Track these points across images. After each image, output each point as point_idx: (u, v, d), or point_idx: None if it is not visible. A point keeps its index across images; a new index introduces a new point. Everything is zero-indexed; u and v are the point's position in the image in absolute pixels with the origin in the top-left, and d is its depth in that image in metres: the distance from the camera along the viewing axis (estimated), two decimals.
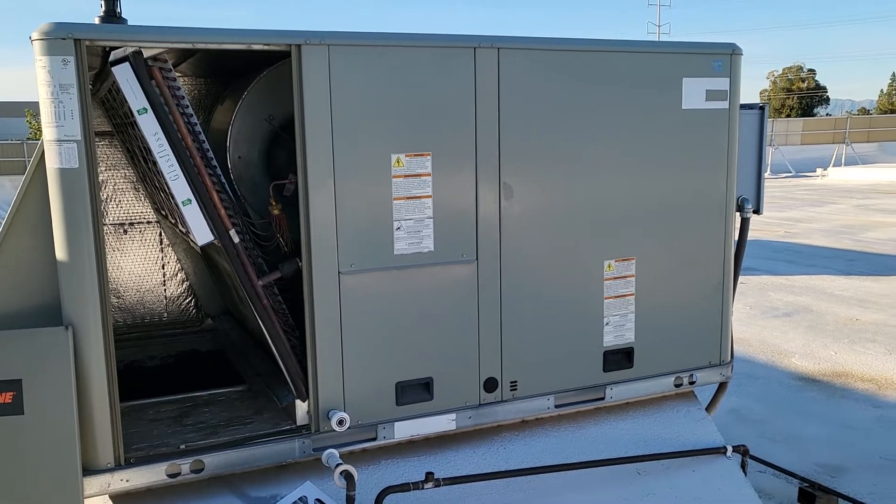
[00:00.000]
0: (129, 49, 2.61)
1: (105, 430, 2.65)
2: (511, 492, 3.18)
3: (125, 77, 2.60)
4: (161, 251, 4.73)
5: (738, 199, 3.70)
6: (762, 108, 3.77)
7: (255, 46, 2.74)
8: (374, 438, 3.06)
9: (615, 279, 3.41)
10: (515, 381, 3.28)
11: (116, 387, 2.67)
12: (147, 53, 2.68)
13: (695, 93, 3.43)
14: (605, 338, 3.43)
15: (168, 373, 4.08)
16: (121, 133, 4.07)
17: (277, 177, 3.26)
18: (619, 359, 3.48)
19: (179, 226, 3.48)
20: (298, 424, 3.00)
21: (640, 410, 3.61)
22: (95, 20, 2.85)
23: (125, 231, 4.63)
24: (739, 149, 3.61)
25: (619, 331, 3.45)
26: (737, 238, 3.77)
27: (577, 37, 3.39)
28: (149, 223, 4.70)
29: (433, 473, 2.97)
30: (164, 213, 4.07)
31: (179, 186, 2.70)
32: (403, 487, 2.93)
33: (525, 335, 3.26)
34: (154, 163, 2.76)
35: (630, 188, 3.38)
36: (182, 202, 2.71)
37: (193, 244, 3.15)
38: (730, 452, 3.56)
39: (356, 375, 2.98)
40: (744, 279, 9.75)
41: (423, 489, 2.95)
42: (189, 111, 2.81)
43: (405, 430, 3.10)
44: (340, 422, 2.92)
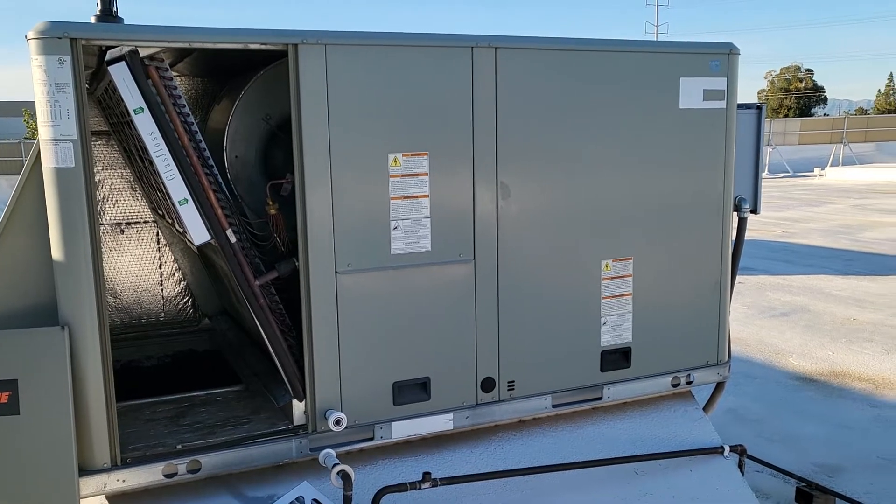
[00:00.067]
0: (126, 48, 2.60)
1: (101, 430, 2.65)
2: (508, 492, 3.18)
3: (121, 76, 2.59)
4: (158, 251, 4.73)
5: (736, 199, 3.70)
6: (759, 108, 3.77)
7: (252, 46, 2.73)
8: (372, 438, 3.06)
9: (612, 279, 3.41)
10: (513, 381, 3.28)
11: (113, 387, 2.67)
12: (143, 53, 2.67)
13: (692, 92, 3.43)
14: (603, 337, 3.43)
15: (165, 373, 4.08)
16: (117, 132, 4.06)
17: (274, 176, 3.25)
18: (617, 358, 3.48)
19: (176, 225, 3.47)
20: (295, 424, 3.00)
21: (638, 410, 3.61)
22: (91, 19, 2.84)
23: (122, 231, 4.63)
24: (737, 148, 3.61)
25: (617, 330, 3.45)
26: (734, 238, 3.77)
27: (576, 36, 3.38)
28: (146, 223, 4.69)
29: (430, 473, 2.97)
30: (161, 213, 4.06)
31: (176, 186, 2.69)
32: (400, 487, 2.93)
33: (522, 335, 3.26)
34: (150, 162, 2.76)
35: (627, 188, 3.38)
36: (178, 202, 2.71)
37: (190, 244, 3.14)
38: (727, 452, 3.56)
39: (353, 375, 2.98)
40: (741, 279, 9.76)
41: (421, 489, 2.95)
42: (186, 110, 2.81)
43: (402, 430, 3.10)
44: (337, 422, 2.92)
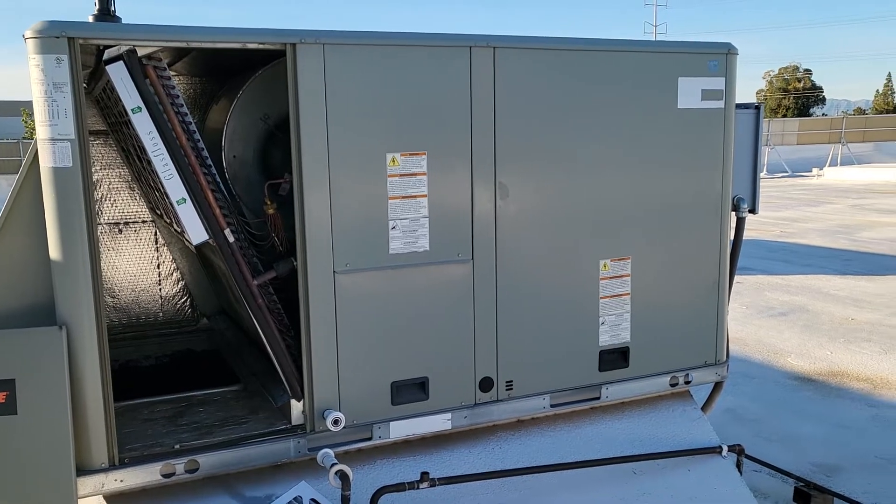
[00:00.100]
0: (124, 48, 2.60)
1: (99, 430, 2.65)
2: (506, 491, 3.18)
3: (119, 76, 2.59)
4: (156, 251, 4.73)
5: (734, 199, 3.70)
6: (757, 108, 3.78)
7: (250, 45, 2.73)
8: (370, 438, 3.05)
9: (611, 279, 3.41)
10: (511, 381, 3.28)
11: (111, 387, 2.67)
12: (141, 52, 2.67)
13: (690, 92, 3.43)
14: (601, 337, 3.43)
15: (163, 372, 4.07)
16: (115, 132, 4.06)
17: (273, 176, 3.25)
18: (615, 358, 3.48)
19: (174, 225, 3.47)
20: (293, 424, 3.00)
21: (636, 410, 3.61)
22: (89, 19, 2.84)
23: (120, 230, 4.62)
24: (735, 148, 3.61)
25: (615, 330, 3.45)
26: (732, 237, 3.77)
27: (576, 36, 3.38)
28: (144, 222, 4.69)
29: (428, 473, 2.97)
30: (160, 213, 4.06)
31: (174, 185, 2.69)
32: (399, 487, 2.92)
33: (521, 335, 3.26)
34: (148, 162, 2.75)
35: (625, 188, 3.38)
36: (177, 201, 2.70)
37: (188, 243, 3.14)
38: (725, 452, 3.56)
39: (351, 375, 2.98)
40: (740, 279, 9.77)
41: (419, 489, 2.95)
42: (184, 110, 2.80)
43: (400, 430, 3.10)
44: (336, 421, 2.92)
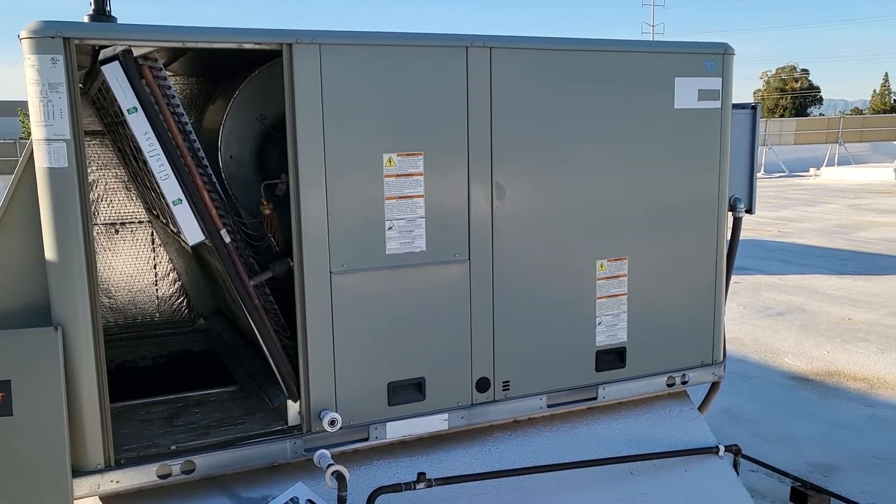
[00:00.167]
0: (119, 48, 2.60)
1: (95, 431, 2.64)
2: (503, 492, 3.18)
3: (115, 76, 2.58)
4: (153, 251, 4.72)
5: (731, 199, 3.70)
6: (754, 108, 3.78)
7: (247, 45, 2.73)
8: (366, 439, 3.05)
9: (608, 279, 3.41)
10: (508, 381, 3.27)
11: (106, 387, 2.66)
12: (137, 52, 2.66)
13: (687, 92, 3.43)
14: (598, 337, 3.43)
15: (159, 373, 4.07)
16: (112, 132, 4.05)
17: (269, 176, 3.25)
18: (612, 358, 3.48)
19: (171, 226, 3.46)
20: (290, 425, 2.99)
21: (633, 410, 3.61)
22: (85, 19, 2.84)
23: (116, 231, 4.62)
24: (732, 148, 3.62)
25: (612, 330, 3.45)
26: (729, 237, 3.77)
27: (574, 36, 3.38)
28: (140, 223, 4.68)
29: (425, 474, 2.96)
30: (156, 213, 4.05)
31: (170, 186, 2.69)
32: (395, 488, 2.92)
33: (517, 335, 3.26)
34: (144, 162, 2.75)
35: (622, 188, 3.38)
36: (172, 202, 2.70)
37: (184, 244, 3.13)
38: (722, 452, 3.57)
39: (348, 376, 2.97)
40: (737, 279, 9.77)
41: (415, 489, 2.94)
42: (180, 110, 2.80)
43: (397, 431, 3.09)
44: (332, 422, 2.92)
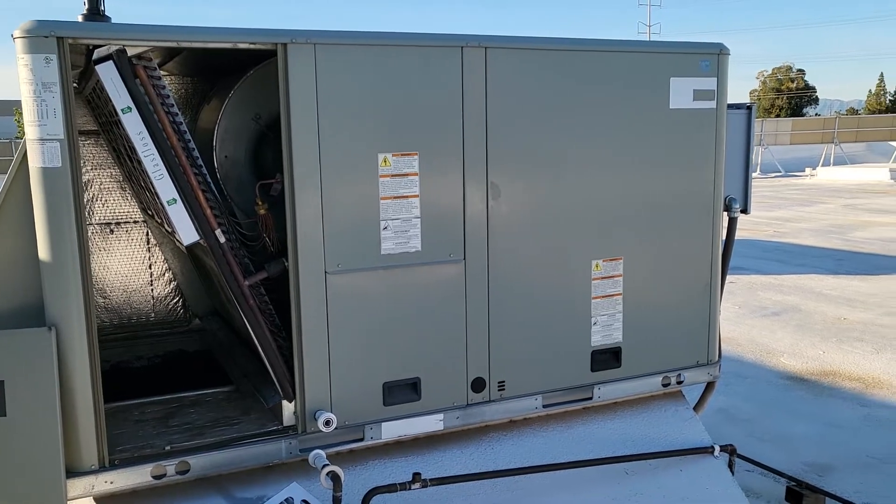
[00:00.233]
0: (113, 47, 2.59)
1: (89, 432, 2.63)
2: (499, 492, 3.17)
3: (109, 76, 2.57)
4: (148, 251, 4.71)
5: (726, 199, 3.70)
6: (749, 108, 3.78)
7: (241, 45, 2.72)
8: (362, 439, 3.05)
9: (603, 279, 3.41)
10: (503, 381, 3.27)
11: (100, 388, 2.65)
12: (131, 52, 2.66)
13: (682, 92, 3.44)
14: (593, 337, 3.43)
15: (155, 373, 4.06)
16: (106, 132, 4.04)
17: (264, 176, 3.24)
18: (607, 358, 3.48)
19: (165, 225, 3.46)
20: (285, 425, 2.99)
21: (628, 410, 3.61)
22: (79, 18, 2.83)
23: (112, 231, 4.61)
24: (727, 148, 3.62)
25: (607, 330, 3.45)
26: (724, 238, 3.78)
27: (572, 36, 3.38)
28: (135, 223, 4.67)
29: (420, 474, 2.96)
30: (151, 213, 4.05)
31: (164, 186, 2.68)
32: (390, 488, 2.92)
33: (513, 335, 3.26)
34: (139, 162, 2.74)
35: (618, 188, 3.38)
36: (167, 202, 2.69)
37: (179, 244, 3.13)
38: (717, 452, 3.57)
39: (343, 376, 2.97)
40: (733, 278, 9.79)
41: (411, 490, 2.94)
42: (174, 110, 2.79)
43: (392, 431, 3.09)
44: (327, 422, 2.91)
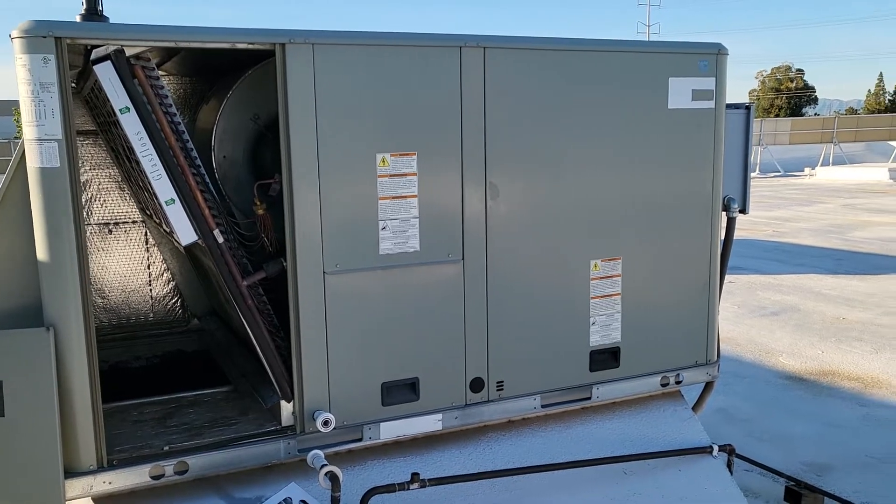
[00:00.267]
0: (111, 47, 2.59)
1: (87, 432, 2.63)
2: (497, 492, 3.17)
3: (107, 76, 2.57)
4: (146, 251, 4.71)
5: (725, 199, 3.70)
6: (748, 108, 3.78)
7: (240, 45, 2.72)
8: (360, 439, 3.05)
9: (601, 279, 3.41)
10: (502, 381, 3.27)
11: (99, 388, 2.65)
12: (130, 52, 2.65)
13: (681, 92, 3.44)
14: (592, 337, 3.43)
15: (153, 373, 4.06)
16: (105, 132, 4.04)
17: (262, 176, 3.24)
18: (606, 358, 3.48)
19: (164, 226, 3.45)
20: (283, 425, 2.99)
21: (627, 410, 3.61)
22: (77, 18, 2.83)
23: (110, 231, 4.60)
24: (726, 148, 3.62)
25: (606, 330, 3.45)
26: (723, 237, 3.78)
27: (572, 36, 3.38)
28: (134, 223, 4.67)
29: (419, 474, 2.96)
30: (149, 213, 4.04)
31: (162, 186, 2.68)
32: (389, 488, 2.92)
33: (511, 335, 3.26)
34: (137, 162, 2.74)
35: (616, 188, 3.38)
36: (165, 202, 2.69)
37: (178, 244, 3.13)
38: (716, 452, 3.57)
39: (341, 376, 2.97)
40: (732, 278, 9.79)
41: (409, 490, 2.94)
42: (172, 110, 2.79)
43: (391, 431, 3.09)
44: (326, 422, 2.91)
